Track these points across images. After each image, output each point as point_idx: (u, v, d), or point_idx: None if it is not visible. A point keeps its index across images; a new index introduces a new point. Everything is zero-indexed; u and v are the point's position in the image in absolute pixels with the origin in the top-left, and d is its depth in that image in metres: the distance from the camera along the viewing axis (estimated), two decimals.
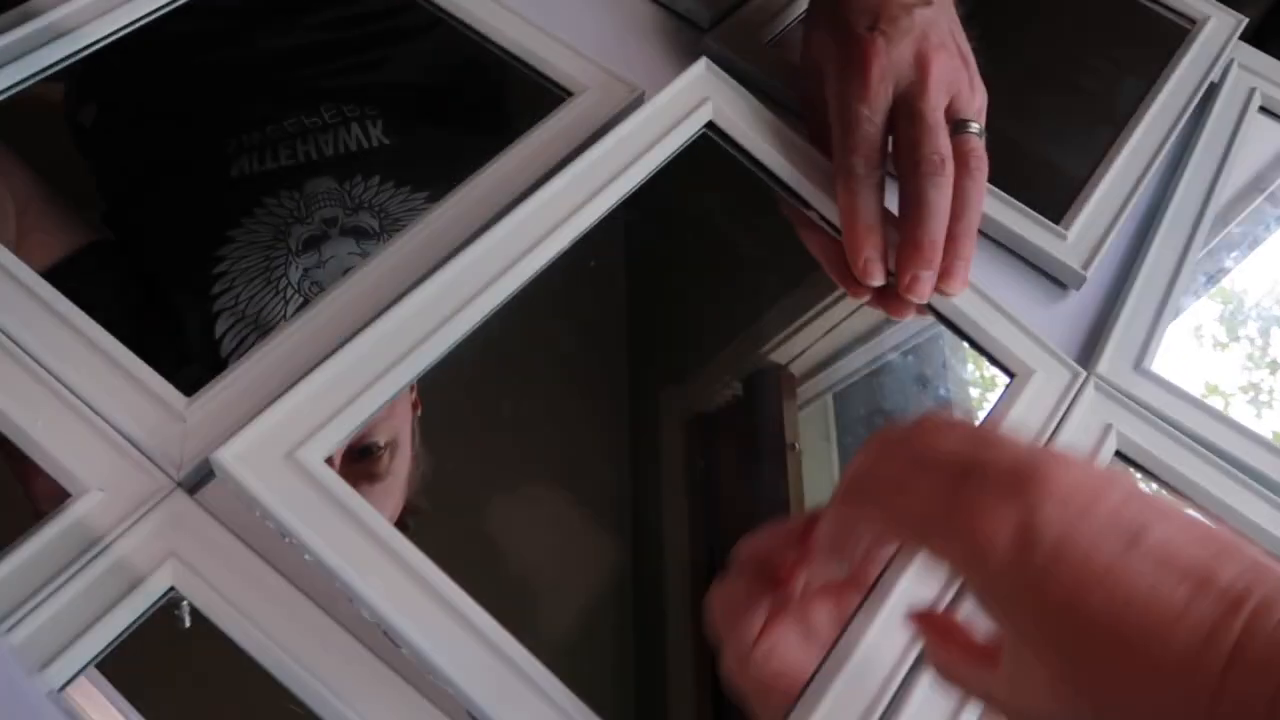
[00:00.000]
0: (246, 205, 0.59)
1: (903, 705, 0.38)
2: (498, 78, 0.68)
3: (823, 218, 0.50)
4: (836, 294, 0.52)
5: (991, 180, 0.52)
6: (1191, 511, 0.32)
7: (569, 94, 0.53)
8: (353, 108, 0.63)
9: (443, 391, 0.46)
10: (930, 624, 0.36)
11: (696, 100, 0.51)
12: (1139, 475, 0.46)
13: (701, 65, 0.52)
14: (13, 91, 0.47)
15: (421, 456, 0.46)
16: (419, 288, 0.42)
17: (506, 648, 0.36)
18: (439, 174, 0.61)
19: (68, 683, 0.34)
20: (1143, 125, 0.59)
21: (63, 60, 0.48)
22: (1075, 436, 0.46)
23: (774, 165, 0.51)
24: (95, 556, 0.35)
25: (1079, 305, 0.52)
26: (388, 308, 0.42)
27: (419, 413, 0.46)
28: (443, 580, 0.36)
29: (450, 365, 0.45)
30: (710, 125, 0.51)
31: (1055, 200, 0.55)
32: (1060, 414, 0.46)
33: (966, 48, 0.51)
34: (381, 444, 0.45)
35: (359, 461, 0.43)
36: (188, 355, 0.56)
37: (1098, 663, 0.27)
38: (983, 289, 0.49)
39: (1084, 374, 0.48)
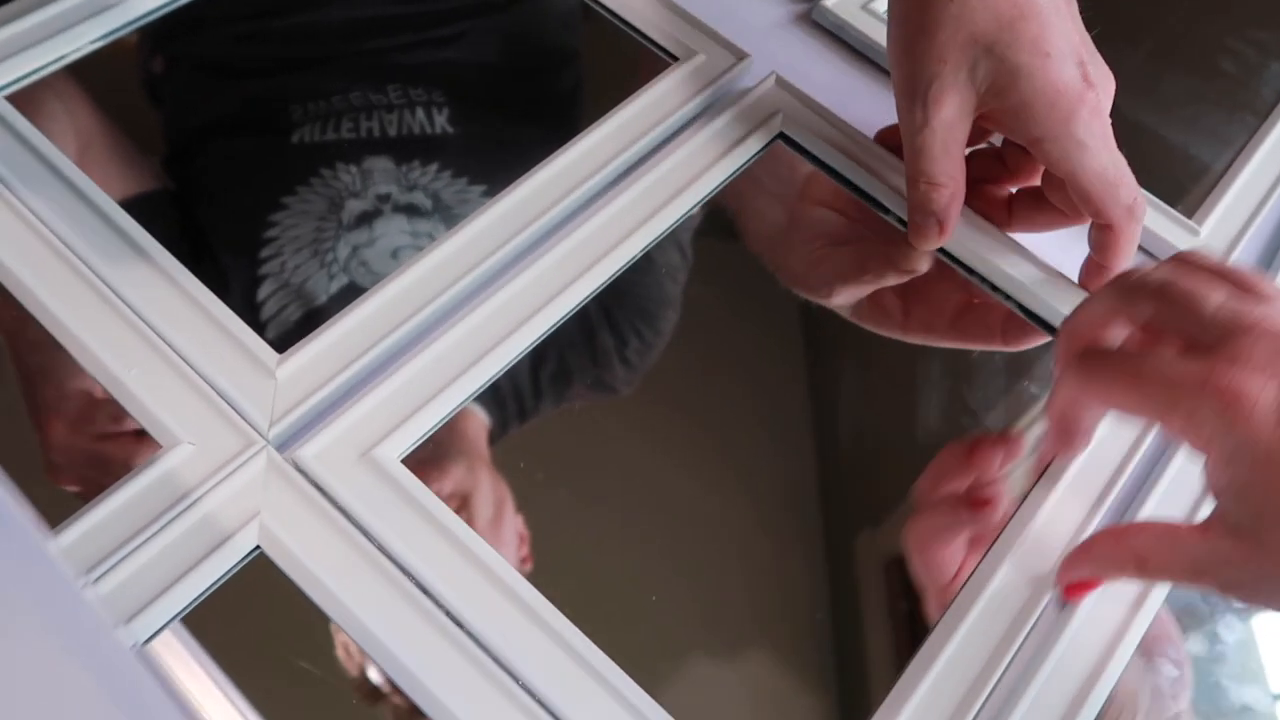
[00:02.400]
0: (303, 174, 0.59)
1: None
2: (576, 69, 0.67)
3: (901, 221, 0.47)
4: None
5: None
6: None
7: (674, 58, 0.51)
8: (419, 92, 0.62)
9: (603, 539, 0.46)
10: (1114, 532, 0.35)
11: (765, 114, 0.49)
12: None
13: (771, 81, 0.50)
14: (90, 49, 0.47)
15: None
16: (492, 296, 0.42)
17: (590, 656, 0.35)
18: (501, 167, 0.60)
19: (152, 637, 0.34)
20: None
21: (138, 19, 0.48)
22: None
23: (849, 173, 0.49)
24: (183, 511, 0.35)
25: None
26: (466, 301, 0.42)
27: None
28: (521, 582, 0.36)
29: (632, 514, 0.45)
30: (781, 136, 0.49)
31: (1187, 193, 0.52)
32: None
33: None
34: None
35: None
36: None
37: None
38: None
39: None
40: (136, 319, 0.39)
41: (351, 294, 0.41)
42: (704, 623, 0.46)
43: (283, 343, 0.40)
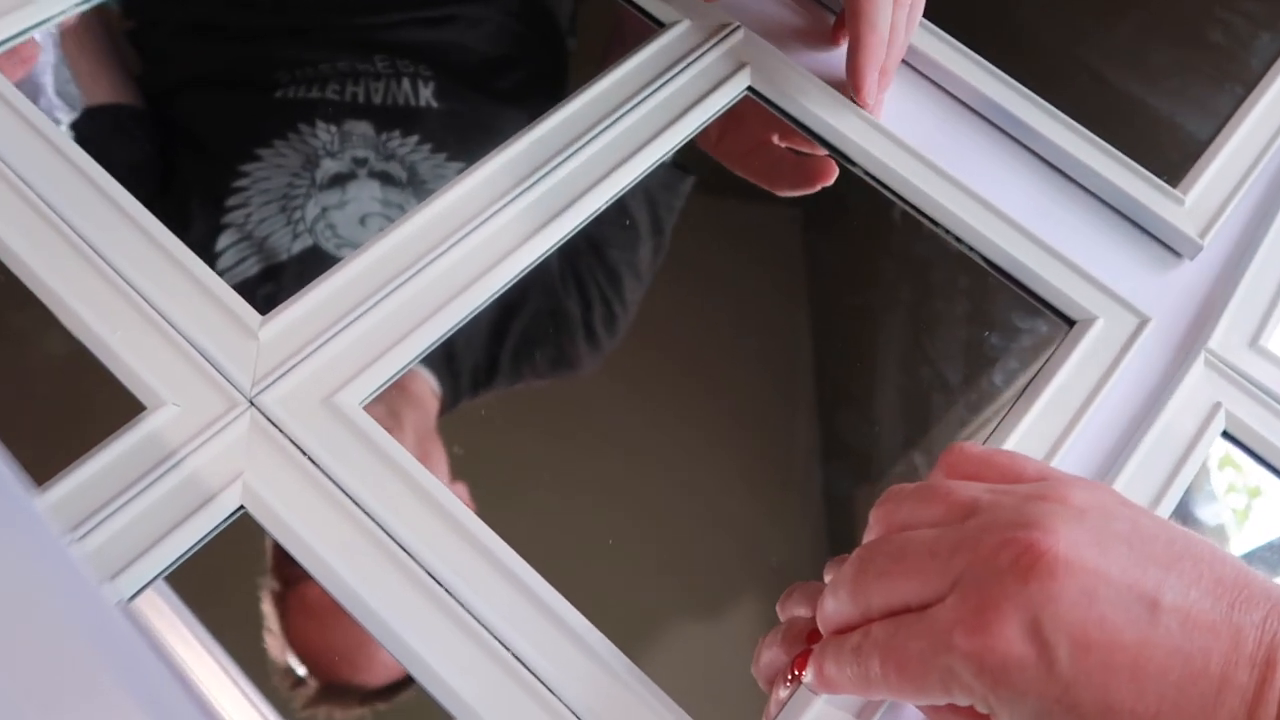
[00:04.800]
0: (281, 128, 0.58)
1: None
2: (563, 57, 0.66)
3: (867, 173, 0.48)
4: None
5: (1105, 137, 0.49)
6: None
7: (660, 25, 0.51)
8: (407, 64, 0.62)
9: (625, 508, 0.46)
10: None
11: (733, 67, 0.49)
12: (1247, 458, 0.44)
13: (741, 33, 0.50)
14: (79, 9, 0.47)
15: None
16: (453, 248, 0.42)
17: (547, 597, 0.36)
18: (480, 147, 0.60)
19: (135, 595, 0.34)
20: (1276, 86, 0.54)
21: None
22: (1181, 414, 0.43)
23: (817, 126, 0.49)
24: (167, 471, 0.35)
25: (1193, 275, 0.49)
26: (435, 255, 0.42)
27: None
28: (479, 525, 0.36)
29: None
30: (750, 89, 0.50)
31: (1173, 162, 0.52)
32: (1121, 365, 0.44)
33: None
34: None
35: None
36: None
37: None
38: (1081, 248, 0.46)
39: (1150, 319, 0.45)
40: (120, 281, 0.39)
41: (314, 256, 0.41)
42: (683, 585, 0.46)
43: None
